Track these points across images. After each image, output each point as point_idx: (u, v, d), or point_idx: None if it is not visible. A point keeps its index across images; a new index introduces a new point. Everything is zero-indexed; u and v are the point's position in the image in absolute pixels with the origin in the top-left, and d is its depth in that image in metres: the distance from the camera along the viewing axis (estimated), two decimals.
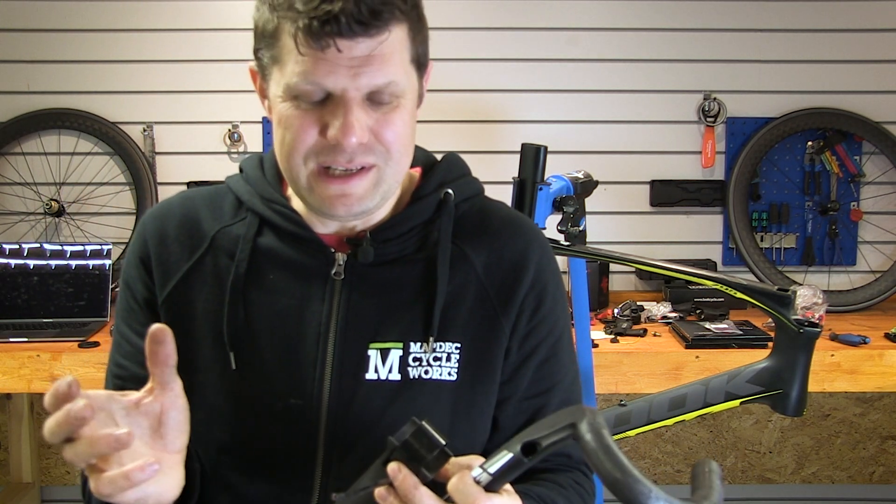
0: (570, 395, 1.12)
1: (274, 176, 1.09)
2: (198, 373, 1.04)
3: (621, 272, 3.15)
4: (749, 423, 3.26)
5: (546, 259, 1.11)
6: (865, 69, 3.08)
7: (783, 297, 1.76)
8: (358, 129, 0.93)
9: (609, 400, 2.97)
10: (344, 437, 1.02)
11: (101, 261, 2.78)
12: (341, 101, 0.93)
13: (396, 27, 0.93)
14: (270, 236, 1.07)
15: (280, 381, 1.03)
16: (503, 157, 2.87)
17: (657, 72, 3.09)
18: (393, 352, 1.03)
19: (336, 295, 1.04)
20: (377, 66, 0.92)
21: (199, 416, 1.02)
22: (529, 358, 1.09)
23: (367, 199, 0.99)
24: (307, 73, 0.91)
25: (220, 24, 3.04)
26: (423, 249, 1.07)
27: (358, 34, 0.89)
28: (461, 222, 1.09)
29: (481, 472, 0.83)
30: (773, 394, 1.78)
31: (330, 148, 0.95)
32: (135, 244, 1.10)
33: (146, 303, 1.08)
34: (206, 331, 1.05)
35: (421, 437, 0.84)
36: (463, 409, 1.05)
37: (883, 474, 3.30)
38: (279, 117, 0.97)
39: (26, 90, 3.06)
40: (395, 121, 0.96)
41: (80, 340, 2.49)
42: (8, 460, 3.15)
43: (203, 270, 1.06)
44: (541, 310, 1.09)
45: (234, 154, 3.11)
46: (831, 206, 3.08)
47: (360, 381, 1.02)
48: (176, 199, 1.13)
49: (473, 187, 1.13)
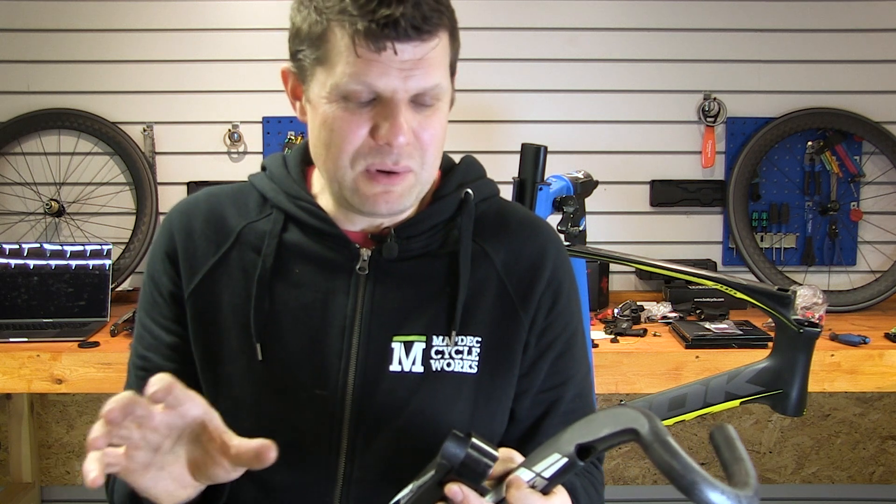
0: (583, 389, 1.16)
1: (299, 174, 1.12)
2: (224, 364, 1.07)
3: (621, 272, 3.15)
4: (749, 423, 3.26)
5: (562, 258, 1.15)
6: (865, 69, 3.08)
7: (783, 297, 1.76)
8: (406, 130, 0.97)
9: (609, 400, 2.97)
10: (367, 427, 1.05)
11: (101, 261, 2.78)
12: (390, 102, 0.96)
13: (443, 34, 0.97)
14: (296, 232, 1.09)
15: (305, 372, 1.05)
16: (503, 157, 2.87)
17: (657, 72, 3.09)
18: (416, 344, 1.06)
19: (361, 289, 1.07)
20: (426, 69, 0.96)
21: (225, 407, 1.04)
22: (546, 352, 1.12)
23: (406, 197, 1.03)
24: (359, 73, 0.94)
25: (220, 24, 3.04)
26: (445, 246, 1.10)
27: (413, 38, 0.93)
28: (480, 221, 1.12)
29: (535, 477, 0.84)
30: (773, 394, 1.78)
31: (378, 149, 0.98)
32: (160, 238, 1.13)
33: (171, 296, 1.10)
34: (231, 323, 1.08)
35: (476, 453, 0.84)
36: (483, 401, 1.08)
37: (883, 474, 3.30)
38: (324, 118, 0.99)
39: (26, 90, 3.06)
40: (433, 123, 1.00)
41: (80, 340, 2.48)
42: (8, 460, 3.15)
43: (229, 264, 1.09)
44: (557, 306, 1.12)
45: (234, 154, 3.11)
46: (831, 206, 3.08)
47: (383, 373, 1.05)
48: (201, 195, 1.16)
49: (491, 188, 1.17)
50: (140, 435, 0.85)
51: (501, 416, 1.11)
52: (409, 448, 1.04)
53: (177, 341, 1.10)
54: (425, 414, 1.05)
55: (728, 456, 0.79)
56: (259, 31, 3.01)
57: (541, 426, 1.11)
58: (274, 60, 1.10)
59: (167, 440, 0.88)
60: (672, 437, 0.77)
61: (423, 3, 0.93)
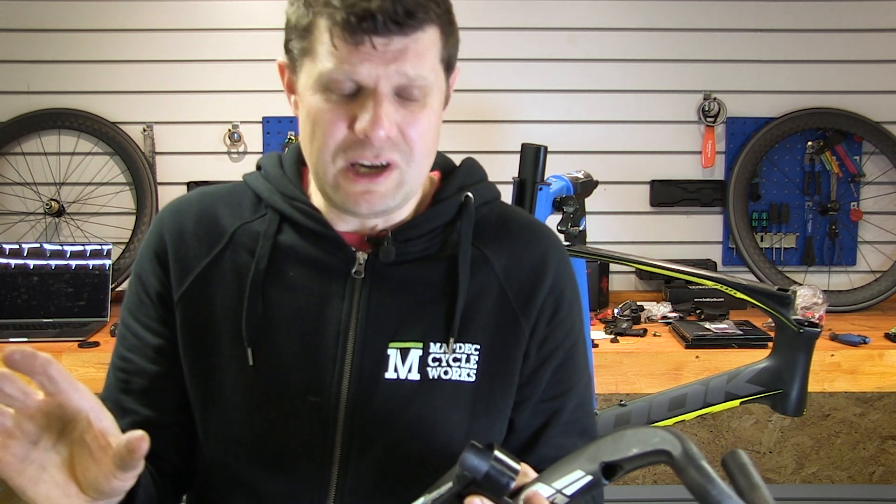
0: (584, 399, 1.13)
1: (294, 174, 1.10)
2: (214, 370, 1.04)
3: (621, 272, 3.14)
4: (749, 423, 3.26)
5: (563, 265, 1.12)
6: (865, 69, 3.08)
7: (783, 297, 1.76)
8: (386, 122, 0.94)
9: (609, 400, 2.97)
10: (362, 435, 1.02)
11: (101, 261, 2.78)
12: (371, 94, 0.94)
13: (430, 28, 0.95)
14: (290, 233, 1.06)
15: (298, 378, 1.02)
16: (503, 157, 2.87)
17: (657, 72, 3.09)
18: (413, 351, 1.03)
19: (356, 293, 1.04)
20: (408, 61, 0.93)
21: (217, 413, 1.04)
22: (547, 361, 1.09)
23: (390, 197, 0.99)
24: (339, 63, 0.92)
25: (220, 24, 3.04)
26: (444, 251, 1.07)
27: (393, 32, 0.91)
28: (481, 225, 1.10)
29: (555, 494, 0.80)
30: (773, 394, 1.78)
31: (358, 143, 0.95)
32: (150, 238, 1.09)
33: (158, 297, 1.07)
34: (223, 327, 1.05)
35: (500, 465, 0.80)
36: (481, 410, 1.05)
37: (883, 474, 3.30)
38: (308, 110, 0.97)
39: (26, 90, 3.06)
40: (421, 119, 0.97)
41: (80, 340, 2.49)
42: None
43: (222, 266, 1.06)
44: (559, 314, 1.09)
45: (233, 154, 3.11)
46: (831, 206, 3.08)
47: (379, 380, 1.02)
48: (194, 195, 1.13)
49: (492, 192, 1.14)
50: (14, 422, 0.78)
51: (500, 426, 1.08)
52: (404, 458, 1.02)
53: (162, 344, 1.07)
54: (421, 423, 1.02)
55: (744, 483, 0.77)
56: (259, 31, 3.01)
57: (541, 436, 1.09)
58: (274, 61, 1.09)
59: (46, 434, 0.81)
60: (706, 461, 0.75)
61: None
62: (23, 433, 0.79)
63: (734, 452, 0.79)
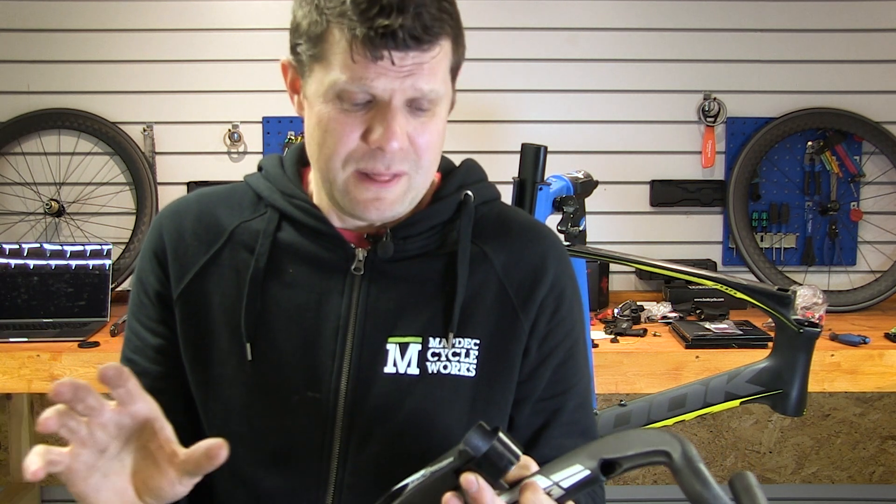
0: (584, 399, 1.14)
1: (294, 173, 1.11)
2: (214, 366, 1.05)
3: (621, 272, 3.14)
4: (749, 423, 3.26)
5: (564, 265, 1.12)
6: (865, 69, 3.08)
7: (783, 297, 1.76)
8: (400, 135, 0.95)
9: (609, 400, 2.97)
10: (361, 430, 1.02)
11: (101, 261, 2.78)
12: (386, 106, 0.95)
13: (444, 41, 0.95)
14: (290, 231, 1.07)
15: (297, 374, 1.03)
16: (503, 157, 2.87)
17: (657, 72, 3.09)
18: (412, 346, 1.04)
19: (355, 289, 1.05)
20: (424, 75, 0.94)
21: (216, 409, 1.04)
22: (548, 359, 1.10)
23: (398, 204, 1.01)
24: (355, 76, 0.93)
25: (220, 24, 3.04)
26: (443, 247, 1.08)
27: (412, 48, 0.92)
28: (480, 224, 1.10)
29: (552, 486, 0.81)
30: (773, 394, 1.78)
31: (370, 153, 0.96)
32: (150, 239, 1.10)
33: (157, 296, 1.08)
34: (222, 324, 1.05)
35: (501, 447, 0.81)
36: (481, 405, 1.06)
37: (883, 474, 3.30)
38: (319, 118, 0.98)
39: (26, 90, 3.06)
40: (430, 129, 0.98)
41: (80, 340, 2.49)
42: (8, 460, 3.15)
43: (220, 264, 1.07)
44: (559, 312, 1.10)
45: (233, 154, 3.11)
46: (831, 206, 3.08)
47: (377, 375, 1.03)
48: (192, 196, 1.14)
49: (492, 192, 1.15)
50: (88, 432, 0.81)
51: (500, 422, 1.08)
52: (403, 453, 1.02)
53: (162, 343, 1.08)
54: (420, 417, 1.03)
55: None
56: (259, 31, 3.00)
57: (541, 436, 1.09)
58: (274, 60, 1.09)
59: (114, 442, 0.83)
60: (704, 465, 0.75)
61: (425, 13, 0.91)
62: (93, 442, 0.82)
63: (742, 474, 0.79)
